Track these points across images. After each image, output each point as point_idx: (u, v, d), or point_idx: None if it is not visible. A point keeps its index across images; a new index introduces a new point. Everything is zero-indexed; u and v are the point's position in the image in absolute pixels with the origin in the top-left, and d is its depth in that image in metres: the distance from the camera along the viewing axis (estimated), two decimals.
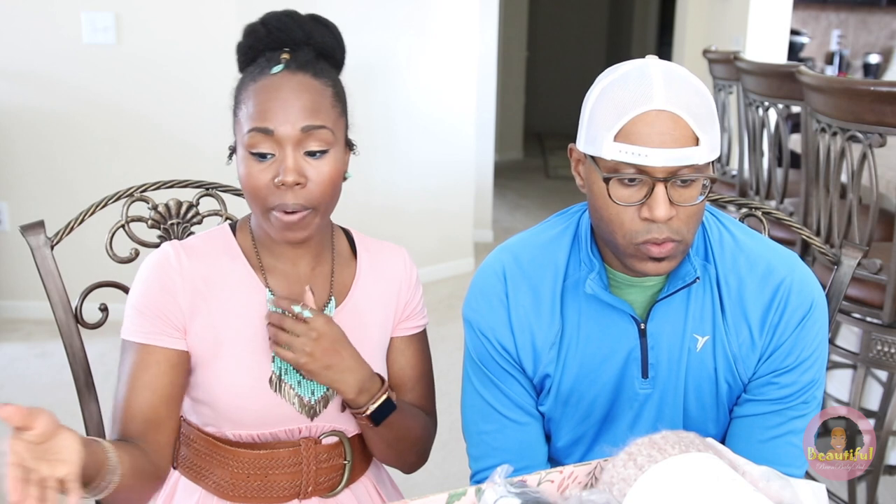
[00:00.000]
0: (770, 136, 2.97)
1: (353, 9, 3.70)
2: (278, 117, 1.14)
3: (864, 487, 2.11)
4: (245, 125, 1.16)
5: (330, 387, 1.20)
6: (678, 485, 0.87)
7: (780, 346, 1.17)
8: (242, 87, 1.20)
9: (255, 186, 1.15)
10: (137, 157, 3.60)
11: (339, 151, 1.20)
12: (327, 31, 1.24)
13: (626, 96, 1.07)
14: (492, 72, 5.06)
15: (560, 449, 1.28)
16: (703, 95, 1.09)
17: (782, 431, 1.18)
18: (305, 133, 1.14)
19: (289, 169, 1.13)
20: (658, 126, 1.05)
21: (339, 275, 1.30)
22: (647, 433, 1.20)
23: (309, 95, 1.16)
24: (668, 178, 1.06)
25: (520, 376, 1.24)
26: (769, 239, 1.27)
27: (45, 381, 3.16)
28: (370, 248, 1.36)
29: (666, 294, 1.16)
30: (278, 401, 1.22)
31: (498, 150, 6.52)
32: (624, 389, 1.20)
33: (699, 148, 1.05)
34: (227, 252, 1.26)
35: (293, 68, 1.17)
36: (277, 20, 1.21)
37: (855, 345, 2.49)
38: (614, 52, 8.91)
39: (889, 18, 6.23)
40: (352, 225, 1.39)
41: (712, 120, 1.08)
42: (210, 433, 1.25)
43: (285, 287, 1.26)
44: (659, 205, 1.06)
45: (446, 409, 1.44)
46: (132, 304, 1.21)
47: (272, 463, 1.24)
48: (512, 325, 1.22)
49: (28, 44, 3.50)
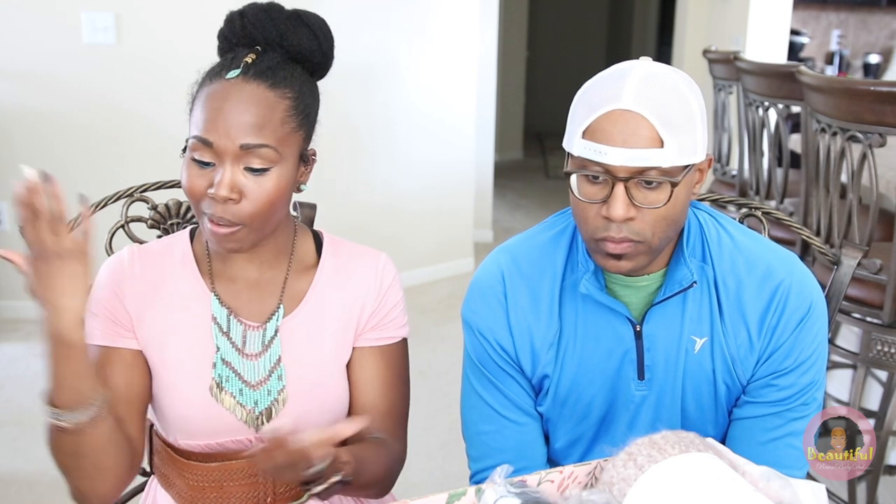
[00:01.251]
0: (770, 136, 2.97)
1: (353, 9, 3.70)
2: (219, 130, 1.09)
3: (864, 487, 2.11)
4: (192, 129, 1.13)
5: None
6: (678, 485, 0.87)
7: (779, 348, 1.17)
8: (200, 86, 1.15)
9: (191, 190, 1.13)
10: (137, 158, 3.59)
11: (287, 167, 1.14)
12: (307, 31, 1.17)
13: (598, 94, 1.08)
14: (492, 72, 5.05)
15: (558, 450, 1.28)
16: (684, 100, 1.07)
17: (782, 433, 1.18)
18: (245, 150, 1.10)
19: (222, 184, 1.09)
20: (621, 125, 1.05)
21: (293, 281, 1.25)
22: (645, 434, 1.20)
23: (256, 110, 1.10)
24: (630, 178, 1.05)
25: (519, 377, 1.24)
26: (768, 240, 1.27)
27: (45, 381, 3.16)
28: (341, 252, 1.29)
29: (662, 298, 1.16)
30: (219, 410, 1.20)
31: (498, 150, 6.52)
32: (620, 391, 1.20)
33: (663, 150, 1.04)
34: (181, 258, 1.24)
35: (250, 75, 1.12)
36: (254, 14, 1.16)
37: (855, 345, 2.49)
38: (614, 52, 8.91)
39: (889, 18, 6.23)
40: (352, 225, 1.39)
41: (689, 125, 1.07)
42: (169, 444, 1.24)
43: (233, 294, 1.23)
44: (616, 204, 1.06)
45: (446, 409, 1.44)
46: (89, 307, 1.17)
47: (226, 475, 1.22)
48: (511, 326, 1.22)
49: (28, 44, 3.50)
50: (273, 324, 1.23)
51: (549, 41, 8.96)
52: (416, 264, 4.15)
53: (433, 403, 1.41)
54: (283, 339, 1.23)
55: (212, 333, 1.21)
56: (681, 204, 1.10)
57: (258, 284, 1.24)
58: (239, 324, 1.22)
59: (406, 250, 4.09)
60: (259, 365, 1.22)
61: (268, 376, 1.22)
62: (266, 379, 1.22)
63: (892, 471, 2.37)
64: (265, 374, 1.22)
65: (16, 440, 2.75)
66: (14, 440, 2.75)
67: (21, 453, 2.66)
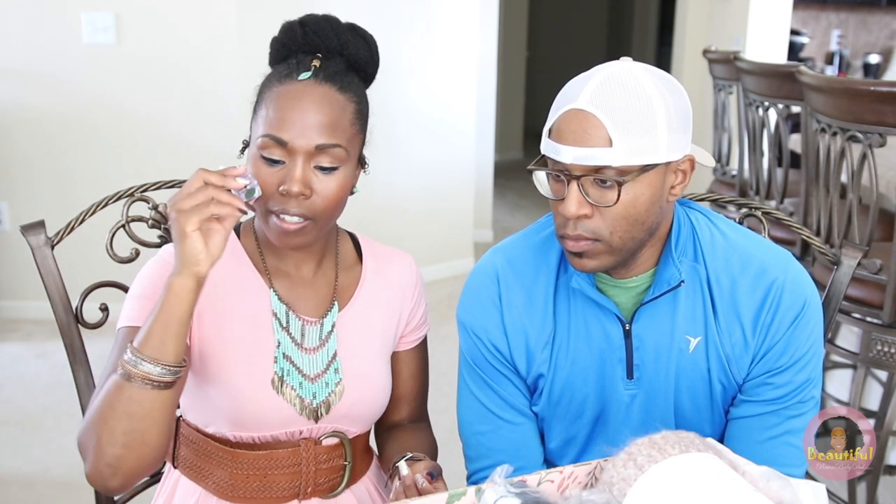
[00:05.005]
0: (770, 136, 2.97)
1: (352, 9, 3.70)
2: (295, 129, 1.13)
3: (864, 487, 2.11)
4: (261, 127, 1.16)
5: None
6: (678, 485, 0.87)
7: (774, 346, 1.16)
8: (268, 86, 1.19)
9: (260, 188, 1.15)
10: (138, 157, 3.60)
11: (350, 168, 1.20)
12: (364, 43, 1.23)
13: (564, 95, 1.11)
14: (492, 72, 5.06)
15: (553, 450, 1.28)
16: (645, 101, 1.06)
17: (779, 432, 1.18)
18: (319, 150, 1.14)
19: (295, 179, 1.13)
20: (573, 125, 1.07)
21: (343, 279, 1.31)
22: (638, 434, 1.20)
23: (330, 110, 1.15)
24: (583, 175, 1.07)
25: (514, 377, 1.24)
26: (762, 238, 1.27)
27: (45, 381, 3.16)
28: (376, 253, 1.36)
29: (650, 298, 1.16)
30: (280, 403, 1.22)
31: (498, 150, 6.52)
32: (611, 390, 1.21)
33: (611, 150, 1.05)
34: (231, 253, 1.25)
35: (320, 78, 1.16)
36: (316, 23, 1.20)
37: (855, 345, 2.49)
38: (614, 52, 8.91)
39: (889, 18, 6.23)
40: (352, 225, 1.40)
41: (646, 126, 1.06)
42: (210, 434, 1.24)
43: (289, 290, 1.26)
44: (568, 201, 1.09)
45: (446, 409, 1.44)
46: (134, 293, 1.19)
47: (271, 463, 1.24)
48: (505, 326, 1.22)
49: (28, 44, 3.50)
50: (330, 319, 1.27)
51: (549, 41, 8.96)
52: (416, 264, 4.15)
53: (433, 403, 1.42)
54: (338, 333, 1.27)
55: (272, 328, 1.24)
56: (643, 204, 1.09)
57: (312, 281, 1.28)
58: (297, 319, 1.25)
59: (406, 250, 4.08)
60: (317, 358, 1.25)
61: (325, 369, 1.25)
62: (324, 372, 1.25)
63: (892, 471, 2.37)
64: (323, 367, 1.25)
65: (16, 440, 2.75)
66: (14, 440, 2.75)
67: (21, 453, 2.66)
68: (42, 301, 1.43)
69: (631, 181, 1.07)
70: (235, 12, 3.50)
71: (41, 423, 2.85)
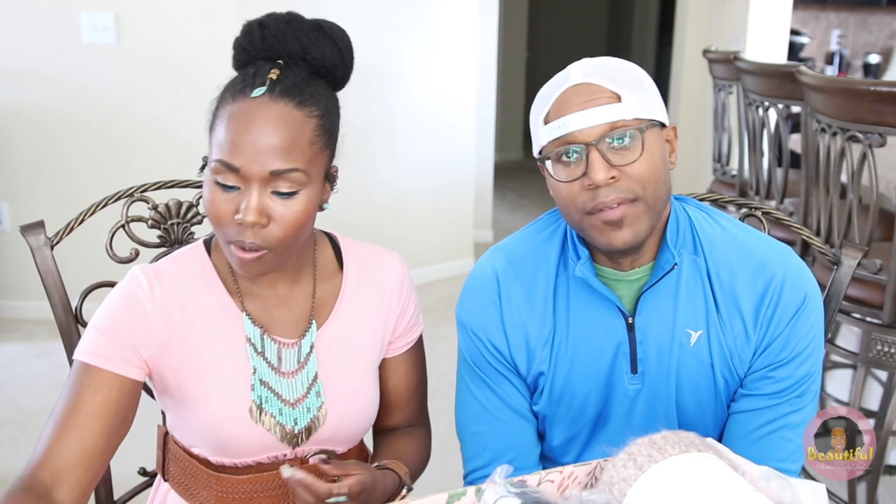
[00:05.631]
0: (770, 136, 2.97)
1: (352, 9, 3.70)
2: (247, 154, 1.05)
3: (864, 487, 2.11)
4: (214, 151, 1.08)
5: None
6: (678, 485, 0.87)
7: (775, 340, 1.17)
8: (221, 104, 1.10)
9: (215, 215, 1.08)
10: (137, 157, 3.60)
11: (313, 189, 1.10)
12: (330, 43, 1.13)
13: (549, 88, 1.14)
14: (492, 72, 5.06)
15: (555, 448, 1.28)
16: (630, 67, 1.14)
17: (778, 426, 1.18)
18: (274, 175, 1.06)
19: (250, 209, 1.05)
20: (577, 98, 1.10)
21: (321, 292, 1.24)
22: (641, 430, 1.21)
23: (285, 131, 1.06)
24: (599, 140, 1.08)
25: (513, 377, 1.24)
26: (762, 233, 1.27)
27: (45, 381, 3.16)
28: (358, 256, 1.28)
29: (651, 284, 1.17)
30: (259, 431, 1.17)
31: (498, 150, 6.52)
32: (614, 386, 1.21)
33: (622, 104, 1.09)
34: (202, 275, 1.19)
35: (276, 93, 1.07)
36: (275, 26, 1.11)
37: (855, 345, 2.49)
38: (614, 52, 8.91)
39: (889, 18, 6.23)
40: (352, 225, 1.39)
41: (639, 84, 1.12)
42: (195, 455, 1.21)
43: (264, 311, 1.20)
44: (595, 169, 1.08)
45: (446, 410, 1.44)
46: (96, 324, 1.13)
47: (257, 487, 1.20)
48: (505, 325, 1.22)
49: (28, 43, 3.50)
50: (308, 339, 1.21)
51: (549, 41, 8.96)
52: (416, 264, 4.15)
53: (433, 403, 1.41)
54: (318, 353, 1.22)
55: (247, 354, 1.18)
56: (659, 160, 1.12)
57: (287, 300, 1.21)
58: (273, 342, 1.19)
59: (406, 250, 4.07)
60: (296, 382, 1.20)
61: (306, 393, 1.20)
62: (304, 396, 1.20)
63: (892, 471, 2.37)
64: (303, 391, 1.20)
65: (16, 440, 2.75)
66: (14, 440, 2.75)
67: (21, 453, 2.66)
68: (42, 301, 1.43)
69: (647, 131, 1.10)
70: (235, 12, 3.50)
71: (41, 423, 2.84)
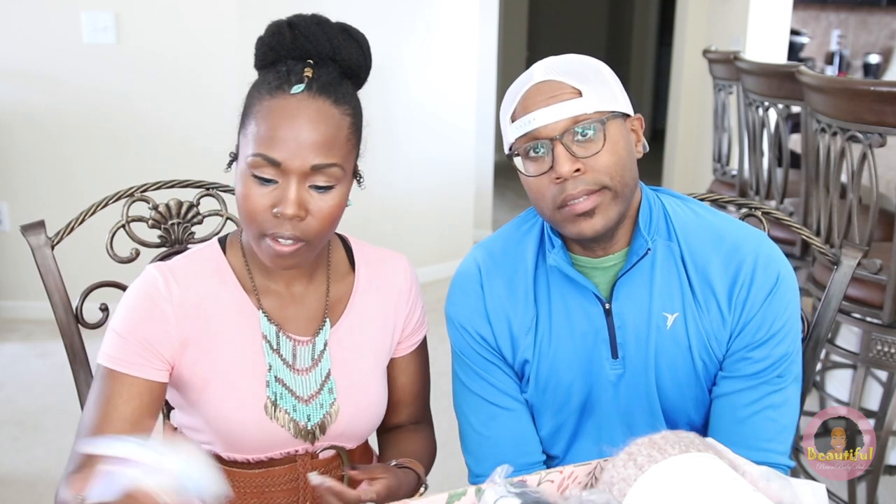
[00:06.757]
0: (770, 136, 2.97)
1: (352, 9, 3.71)
2: (289, 149, 1.07)
3: (864, 487, 2.11)
4: (252, 145, 1.09)
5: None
6: (678, 485, 0.87)
7: (750, 321, 1.19)
8: (257, 98, 1.11)
9: (252, 210, 1.10)
10: (138, 157, 3.60)
11: (346, 185, 1.14)
12: (356, 46, 1.16)
13: (514, 87, 1.19)
14: (492, 72, 5.06)
15: (544, 438, 1.30)
16: (588, 61, 1.18)
17: (760, 407, 1.19)
18: (315, 170, 1.08)
19: (290, 201, 1.07)
20: (540, 95, 1.15)
21: (334, 291, 1.26)
22: (625, 418, 1.22)
23: (325, 129, 1.09)
24: (563, 134, 1.12)
25: (502, 364, 1.27)
26: (736, 218, 1.30)
27: (45, 381, 3.16)
28: (369, 258, 1.31)
29: (626, 270, 1.19)
30: (274, 427, 1.19)
31: (498, 150, 6.51)
32: (596, 372, 1.23)
33: (583, 99, 1.13)
34: (217, 273, 1.20)
35: (314, 90, 1.09)
36: (306, 27, 1.12)
37: (855, 345, 2.49)
38: (614, 52, 8.91)
39: (889, 18, 6.23)
40: (352, 225, 1.39)
41: (599, 79, 1.16)
42: (206, 450, 1.21)
43: (279, 309, 1.22)
44: (561, 162, 1.12)
45: (446, 410, 1.44)
46: (116, 328, 1.15)
47: (269, 481, 1.22)
48: (488, 314, 1.25)
49: (28, 43, 3.50)
50: (322, 337, 1.23)
51: (549, 41, 8.95)
52: (416, 264, 4.13)
53: (433, 404, 1.42)
54: (331, 350, 1.24)
55: (263, 351, 1.19)
56: (623, 149, 1.16)
57: (303, 298, 1.23)
58: (288, 340, 1.21)
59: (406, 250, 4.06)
60: (310, 379, 1.22)
61: (319, 390, 1.22)
62: (317, 393, 1.22)
63: (892, 471, 2.37)
64: (316, 388, 1.22)
65: (16, 440, 2.75)
66: (14, 440, 2.75)
67: (21, 453, 2.66)
68: (42, 301, 1.43)
69: (609, 123, 1.14)
70: (235, 12, 3.50)
71: (41, 423, 2.85)
